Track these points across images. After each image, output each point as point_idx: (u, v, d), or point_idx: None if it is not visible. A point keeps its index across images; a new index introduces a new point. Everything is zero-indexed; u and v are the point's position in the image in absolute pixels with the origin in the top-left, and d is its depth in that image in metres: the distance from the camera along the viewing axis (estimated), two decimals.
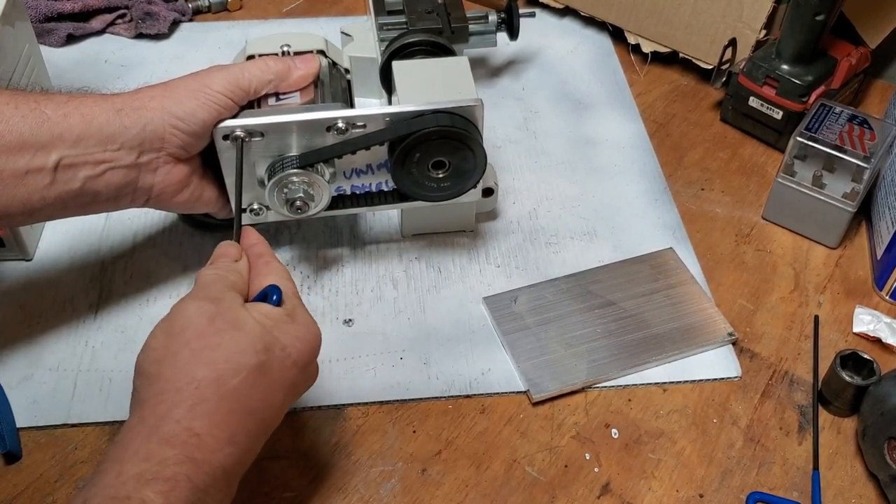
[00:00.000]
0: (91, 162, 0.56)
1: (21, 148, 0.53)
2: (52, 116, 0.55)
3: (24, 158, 0.53)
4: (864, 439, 0.60)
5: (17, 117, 0.53)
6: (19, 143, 0.53)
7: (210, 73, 0.61)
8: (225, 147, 0.61)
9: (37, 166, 0.54)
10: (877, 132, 0.73)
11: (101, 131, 0.56)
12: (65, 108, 0.55)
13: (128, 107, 0.58)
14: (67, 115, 0.55)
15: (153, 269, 0.71)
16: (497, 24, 0.84)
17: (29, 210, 0.55)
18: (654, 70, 0.95)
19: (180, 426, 0.45)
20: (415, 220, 0.74)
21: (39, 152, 0.54)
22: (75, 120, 0.55)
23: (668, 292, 0.70)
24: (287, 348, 0.49)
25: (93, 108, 0.56)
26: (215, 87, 0.60)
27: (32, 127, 0.54)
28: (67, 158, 0.55)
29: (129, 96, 0.59)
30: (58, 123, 0.55)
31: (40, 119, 0.54)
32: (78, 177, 0.56)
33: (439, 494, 0.58)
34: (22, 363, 0.64)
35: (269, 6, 1.02)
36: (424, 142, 0.62)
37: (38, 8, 0.92)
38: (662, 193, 0.80)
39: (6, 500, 0.57)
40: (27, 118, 0.54)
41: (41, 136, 0.54)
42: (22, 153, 0.53)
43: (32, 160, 0.54)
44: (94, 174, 0.57)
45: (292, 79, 0.65)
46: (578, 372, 0.64)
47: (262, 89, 0.63)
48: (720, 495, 0.59)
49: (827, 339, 0.69)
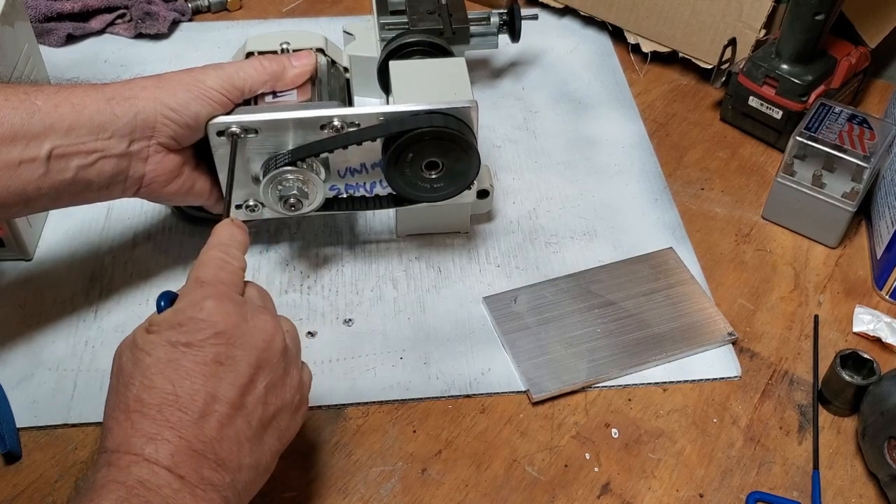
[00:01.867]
0: (83, 151, 0.56)
1: (13, 139, 0.54)
2: (42, 107, 0.55)
3: (17, 149, 0.54)
4: (864, 439, 0.60)
5: (7, 109, 0.54)
6: (11, 134, 0.53)
7: (205, 70, 0.61)
8: (219, 143, 0.62)
9: (30, 157, 0.54)
10: (876, 132, 0.73)
11: (91, 120, 0.56)
12: (55, 99, 0.56)
13: (119, 96, 0.58)
14: (58, 105, 0.56)
15: (153, 269, 0.71)
16: (499, 25, 0.84)
17: (24, 200, 0.56)
18: (654, 70, 0.95)
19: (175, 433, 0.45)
20: (409, 221, 0.74)
21: (32, 143, 0.54)
22: (66, 110, 0.56)
23: (668, 292, 0.70)
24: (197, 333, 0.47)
25: (83, 98, 0.57)
26: (209, 84, 0.60)
27: (24, 118, 0.54)
28: (60, 148, 0.55)
29: (120, 85, 0.59)
30: (49, 114, 0.55)
31: (31, 110, 0.54)
32: (70, 166, 0.56)
33: (439, 494, 0.58)
34: (22, 363, 0.64)
35: (269, 6, 1.02)
36: (417, 142, 0.62)
37: (37, 8, 0.92)
38: (662, 193, 0.80)
39: (6, 500, 0.57)
40: (18, 109, 0.54)
41: (33, 126, 0.54)
42: (14, 144, 0.54)
43: (25, 151, 0.54)
44: (87, 163, 0.57)
45: (288, 78, 0.65)
46: (578, 372, 0.64)
47: (258, 88, 0.64)
48: (720, 495, 0.59)
49: (827, 338, 0.69)
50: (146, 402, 0.45)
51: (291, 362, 0.50)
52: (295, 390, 0.50)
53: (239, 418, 0.46)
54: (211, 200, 0.67)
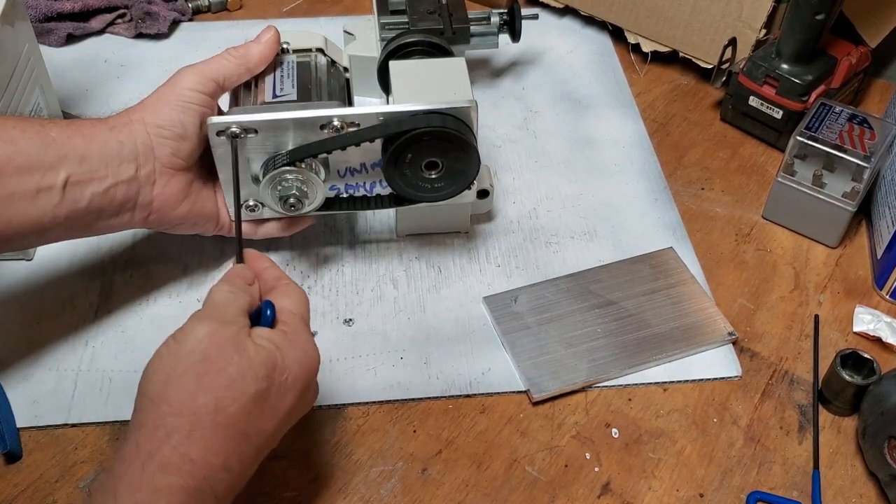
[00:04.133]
0: (96, 178, 0.58)
1: (31, 169, 0.55)
2: (56, 138, 0.57)
3: (34, 179, 0.55)
4: (864, 438, 0.60)
5: (24, 140, 0.55)
6: (28, 164, 0.55)
7: (179, 75, 0.62)
8: (219, 143, 0.62)
9: (46, 185, 0.56)
10: (877, 131, 0.73)
11: (101, 149, 0.58)
12: (67, 131, 0.58)
13: (119, 124, 0.60)
14: (70, 136, 0.58)
15: (153, 269, 0.71)
16: (499, 25, 0.84)
17: (40, 230, 0.57)
18: (654, 69, 0.95)
19: (176, 452, 0.45)
20: (409, 221, 0.74)
21: (48, 172, 0.56)
22: (78, 140, 0.58)
23: (669, 292, 0.70)
24: (286, 374, 0.50)
25: (91, 129, 0.59)
26: (186, 85, 0.61)
27: (40, 148, 0.56)
28: (75, 176, 0.57)
29: (117, 116, 0.61)
30: (63, 144, 0.57)
31: (46, 140, 0.56)
32: (85, 194, 0.58)
33: (439, 494, 0.58)
34: (22, 363, 0.64)
35: (269, 6, 1.02)
36: (416, 142, 0.62)
37: (38, 8, 0.92)
38: (662, 193, 0.80)
39: (6, 500, 0.57)
40: (34, 140, 0.56)
41: (48, 156, 0.56)
42: (32, 174, 0.55)
43: (42, 180, 0.56)
44: (100, 190, 0.58)
45: (254, 57, 0.65)
46: (578, 371, 0.64)
47: (233, 77, 0.64)
48: (720, 495, 0.59)
49: (827, 338, 0.69)
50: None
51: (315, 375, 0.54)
52: (312, 398, 0.55)
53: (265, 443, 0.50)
54: (220, 225, 0.68)
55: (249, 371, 0.48)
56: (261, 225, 0.69)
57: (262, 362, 0.48)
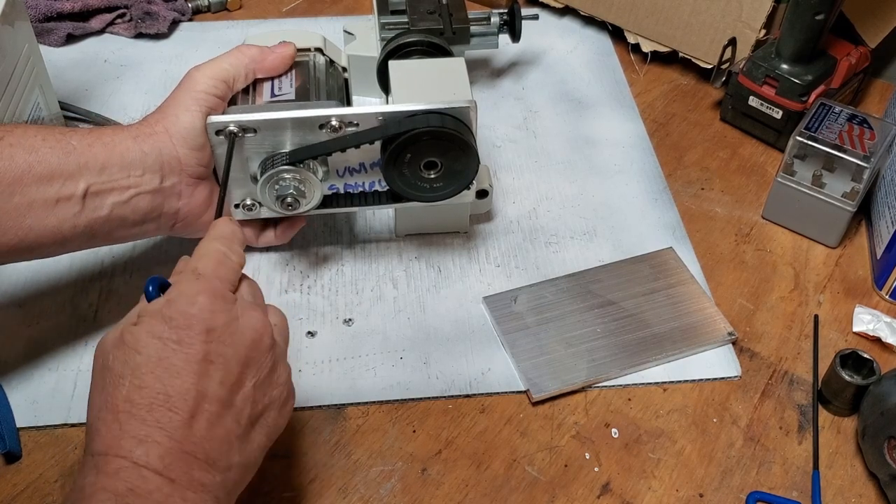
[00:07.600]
0: (117, 188, 0.58)
1: (51, 178, 0.55)
2: (77, 147, 0.56)
3: (54, 187, 0.55)
4: (864, 439, 0.60)
5: (45, 148, 0.55)
6: (49, 173, 0.55)
7: (192, 78, 0.62)
8: (218, 142, 0.62)
9: (66, 194, 0.56)
10: (876, 132, 0.73)
11: (123, 158, 0.58)
12: (88, 139, 0.57)
13: (142, 133, 0.60)
14: (91, 144, 0.57)
15: (153, 269, 0.71)
16: (499, 25, 0.84)
17: (60, 239, 0.57)
18: (654, 69, 0.95)
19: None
20: (408, 220, 0.74)
21: (68, 181, 0.56)
22: (98, 149, 0.57)
23: (668, 292, 0.70)
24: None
25: (113, 138, 0.58)
26: (200, 88, 0.61)
27: (60, 157, 0.55)
28: (95, 186, 0.57)
29: (139, 124, 0.61)
30: (83, 153, 0.56)
31: (67, 149, 0.56)
32: (105, 203, 0.57)
33: (439, 494, 0.58)
34: (22, 363, 0.64)
35: (269, 6, 1.02)
36: (415, 142, 0.62)
37: (37, 7, 0.92)
38: (662, 193, 0.80)
39: (6, 500, 0.57)
40: (55, 149, 0.55)
41: (69, 165, 0.56)
42: (52, 183, 0.55)
43: (62, 189, 0.55)
44: (121, 200, 0.58)
45: (267, 62, 0.65)
46: (578, 371, 0.64)
47: (241, 76, 0.64)
48: (720, 495, 0.59)
49: (827, 338, 0.69)
50: (136, 402, 0.44)
51: (279, 358, 0.50)
52: (283, 386, 0.50)
53: (228, 417, 0.46)
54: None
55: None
56: (261, 234, 0.69)
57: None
